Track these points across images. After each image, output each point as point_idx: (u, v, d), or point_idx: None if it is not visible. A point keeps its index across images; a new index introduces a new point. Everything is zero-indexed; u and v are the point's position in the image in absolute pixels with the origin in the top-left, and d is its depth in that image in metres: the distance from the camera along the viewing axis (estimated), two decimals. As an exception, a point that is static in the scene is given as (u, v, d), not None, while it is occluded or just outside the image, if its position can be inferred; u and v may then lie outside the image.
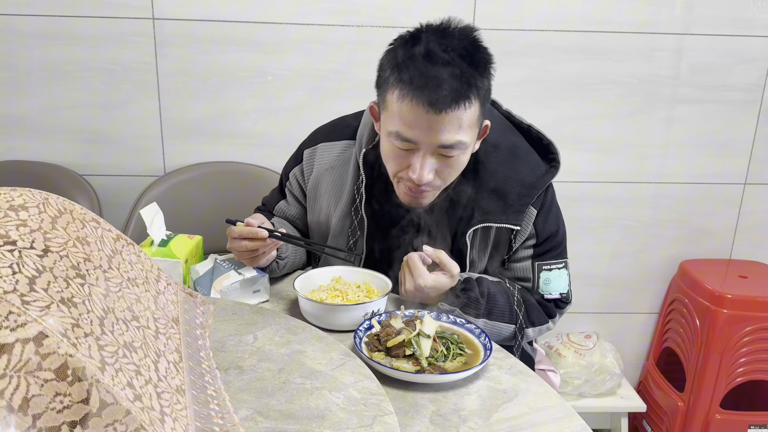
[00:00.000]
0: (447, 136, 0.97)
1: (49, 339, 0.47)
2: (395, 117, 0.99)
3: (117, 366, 0.52)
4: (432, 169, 1.02)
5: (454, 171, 1.05)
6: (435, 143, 0.98)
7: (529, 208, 1.12)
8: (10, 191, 0.65)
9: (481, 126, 1.05)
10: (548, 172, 1.14)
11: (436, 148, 1.00)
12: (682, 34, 1.84)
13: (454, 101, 0.94)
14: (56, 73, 1.74)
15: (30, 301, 0.49)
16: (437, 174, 1.04)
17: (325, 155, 1.23)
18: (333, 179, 1.21)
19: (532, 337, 1.17)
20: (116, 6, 1.70)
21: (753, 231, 2.05)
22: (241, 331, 0.89)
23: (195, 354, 0.71)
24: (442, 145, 0.99)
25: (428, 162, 1.01)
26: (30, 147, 1.80)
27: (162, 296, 0.74)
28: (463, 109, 0.96)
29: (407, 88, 0.95)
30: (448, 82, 0.93)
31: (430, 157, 1.01)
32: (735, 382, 1.82)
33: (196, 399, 0.62)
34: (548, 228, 1.15)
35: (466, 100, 0.95)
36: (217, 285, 1.09)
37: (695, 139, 1.94)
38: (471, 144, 1.03)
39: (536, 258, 1.16)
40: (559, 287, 1.16)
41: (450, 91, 0.93)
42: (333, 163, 1.22)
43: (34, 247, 0.58)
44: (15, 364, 0.46)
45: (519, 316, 1.11)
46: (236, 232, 1.08)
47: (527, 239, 1.15)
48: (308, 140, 1.28)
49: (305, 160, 1.25)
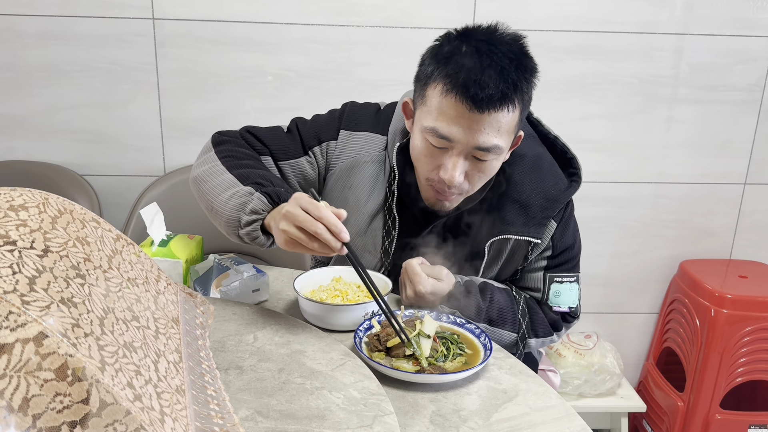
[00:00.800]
0: (485, 138, 0.95)
1: (49, 339, 0.47)
2: (434, 112, 0.96)
3: (117, 366, 0.52)
4: (464, 171, 0.99)
5: (485, 177, 1.02)
6: (471, 144, 0.96)
7: (550, 221, 1.11)
8: (10, 191, 0.65)
9: (516, 134, 1.02)
10: (570, 186, 1.12)
11: (471, 150, 0.97)
12: (682, 34, 1.84)
13: (499, 102, 0.92)
14: (56, 73, 1.74)
15: (30, 301, 0.49)
16: (467, 177, 1.01)
17: (367, 147, 1.15)
18: (370, 174, 1.15)
19: (535, 348, 1.16)
20: (116, 6, 1.70)
21: (753, 231, 2.05)
22: (241, 331, 0.89)
23: (195, 354, 0.71)
24: (479, 147, 0.96)
25: (461, 163, 0.98)
26: (30, 147, 1.80)
27: (162, 296, 0.74)
28: (506, 113, 0.94)
29: (452, 82, 0.93)
30: (495, 82, 0.91)
31: (463, 158, 0.98)
32: (735, 382, 1.82)
33: (196, 399, 0.62)
34: (565, 241, 1.14)
35: (510, 103, 0.93)
36: (217, 284, 1.09)
37: (695, 139, 1.95)
38: (505, 151, 1.00)
39: (549, 270, 1.14)
40: (569, 301, 1.15)
41: (496, 91, 0.91)
42: (373, 157, 1.15)
43: (34, 247, 0.58)
44: (15, 364, 0.46)
45: (522, 325, 1.10)
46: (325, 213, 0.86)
47: (543, 251, 1.14)
48: (348, 119, 1.17)
49: (341, 141, 1.15)
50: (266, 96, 1.81)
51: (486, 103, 0.91)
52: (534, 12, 1.79)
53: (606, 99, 1.89)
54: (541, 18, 1.80)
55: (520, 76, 0.93)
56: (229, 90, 1.80)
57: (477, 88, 0.91)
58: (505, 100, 0.92)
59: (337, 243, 0.87)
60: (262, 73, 1.79)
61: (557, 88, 1.87)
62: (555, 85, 1.86)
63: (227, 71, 1.78)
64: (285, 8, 1.74)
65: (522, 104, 0.96)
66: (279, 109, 1.82)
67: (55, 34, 1.71)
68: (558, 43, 1.82)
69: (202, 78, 1.78)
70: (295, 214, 0.88)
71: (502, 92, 0.92)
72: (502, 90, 0.91)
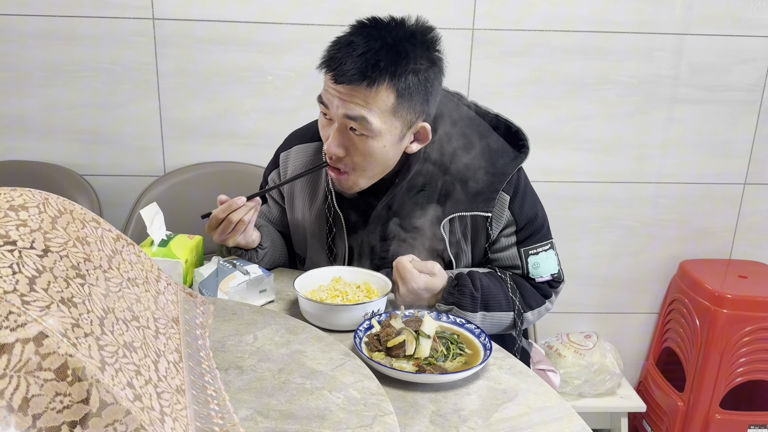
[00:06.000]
0: (352, 108, 1.03)
1: (49, 339, 0.47)
2: (323, 87, 1.08)
3: (117, 366, 0.52)
4: (341, 143, 1.07)
5: (367, 156, 1.08)
6: (341, 112, 1.04)
7: (501, 194, 1.14)
8: (10, 191, 0.65)
9: (411, 123, 1.08)
10: (517, 157, 1.15)
11: (344, 120, 1.05)
12: (682, 34, 1.84)
13: (358, 77, 1.00)
14: (56, 73, 1.74)
15: (30, 301, 0.49)
16: (347, 153, 1.08)
17: (300, 157, 1.26)
18: (307, 180, 1.24)
19: (532, 321, 1.18)
20: (116, 6, 1.70)
21: (753, 231, 2.05)
22: (241, 331, 0.89)
23: (195, 354, 0.71)
24: (347, 115, 1.04)
25: (336, 135, 1.07)
26: (30, 147, 1.80)
27: (162, 296, 0.74)
28: (369, 89, 1.01)
29: (325, 61, 1.05)
30: (354, 59, 1.00)
31: (338, 130, 1.07)
32: (735, 382, 1.82)
33: (196, 399, 0.62)
34: (526, 213, 1.16)
35: (369, 80, 1.00)
36: (223, 286, 1.09)
37: (695, 139, 1.95)
38: (385, 133, 1.05)
39: (521, 244, 1.17)
40: (549, 269, 1.18)
41: (353, 67, 1.00)
42: (307, 164, 1.25)
43: (34, 247, 0.58)
44: (15, 364, 0.46)
45: (515, 302, 1.12)
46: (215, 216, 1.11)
47: (507, 227, 1.16)
48: (283, 144, 1.31)
49: (281, 163, 1.28)
50: (266, 96, 1.81)
51: (342, 76, 1.01)
52: (534, 12, 1.79)
53: (606, 99, 1.89)
54: (542, 18, 1.80)
55: (387, 59, 1.00)
56: (230, 90, 1.80)
57: (336, 63, 1.02)
58: (364, 76, 1.00)
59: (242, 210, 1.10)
60: (262, 73, 1.79)
61: (557, 88, 1.87)
62: (555, 85, 1.86)
63: (227, 71, 1.78)
64: (285, 8, 1.74)
65: (396, 88, 1.02)
66: (279, 109, 1.82)
67: (55, 34, 1.71)
68: (558, 43, 1.82)
69: (203, 78, 1.78)
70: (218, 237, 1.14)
71: (359, 69, 1.00)
72: (359, 67, 1.00)
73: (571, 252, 2.02)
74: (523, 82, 1.85)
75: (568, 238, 1.99)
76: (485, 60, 1.82)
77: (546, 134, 1.90)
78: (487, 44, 1.81)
